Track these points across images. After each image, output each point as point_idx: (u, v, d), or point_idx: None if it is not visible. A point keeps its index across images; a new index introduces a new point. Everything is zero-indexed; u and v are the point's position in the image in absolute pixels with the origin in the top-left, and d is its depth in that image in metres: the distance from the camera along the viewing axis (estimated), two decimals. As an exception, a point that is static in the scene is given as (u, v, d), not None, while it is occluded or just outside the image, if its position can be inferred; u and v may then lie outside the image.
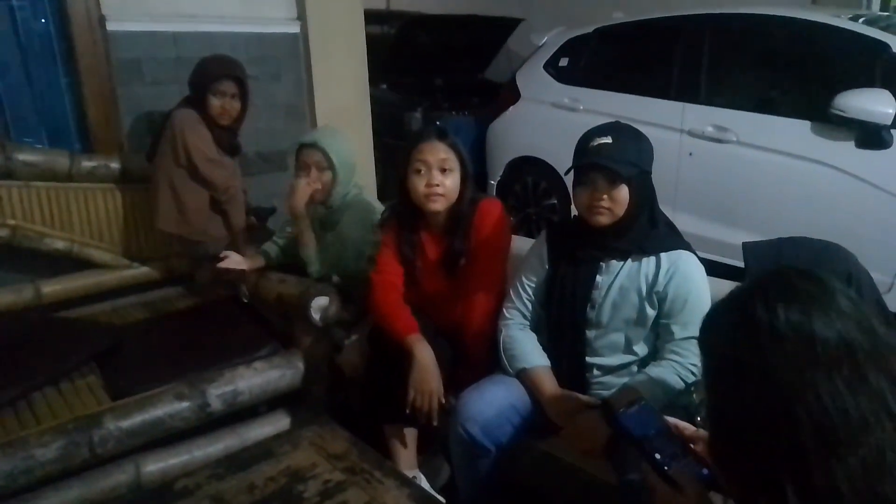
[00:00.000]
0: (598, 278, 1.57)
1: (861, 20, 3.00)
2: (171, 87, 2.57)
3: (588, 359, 1.59)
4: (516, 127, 4.20)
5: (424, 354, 1.69)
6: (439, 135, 1.79)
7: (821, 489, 0.70)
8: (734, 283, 0.94)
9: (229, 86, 2.30)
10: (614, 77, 3.81)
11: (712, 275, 1.58)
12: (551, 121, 3.93)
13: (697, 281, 1.52)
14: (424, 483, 1.79)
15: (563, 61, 4.05)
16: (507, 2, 5.55)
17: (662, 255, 1.52)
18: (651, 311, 1.53)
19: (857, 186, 2.75)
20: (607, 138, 1.47)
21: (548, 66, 4.11)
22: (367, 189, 2.34)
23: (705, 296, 1.51)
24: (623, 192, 1.47)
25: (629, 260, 1.54)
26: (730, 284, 1.12)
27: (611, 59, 3.98)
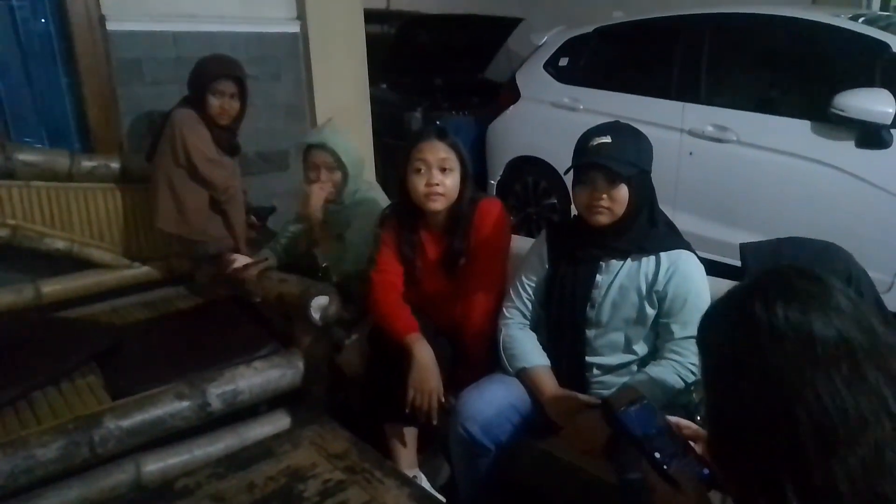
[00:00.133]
0: (598, 278, 1.57)
1: (861, 20, 3.00)
2: (171, 87, 2.57)
3: (588, 358, 1.59)
4: (516, 126, 4.19)
5: (424, 354, 1.69)
6: (439, 134, 1.79)
7: (820, 488, 0.70)
8: (734, 283, 0.94)
9: (228, 85, 2.30)
10: (614, 77, 3.80)
11: (712, 274, 1.58)
12: (551, 120, 3.92)
13: (697, 280, 1.52)
14: (424, 482, 1.79)
15: (563, 61, 4.05)
16: (507, 2, 5.53)
17: (662, 254, 1.52)
18: (651, 311, 1.53)
19: (857, 186, 2.74)
20: (607, 138, 1.48)
21: (548, 65, 4.10)
22: (374, 187, 2.34)
23: (705, 295, 1.51)
24: (623, 191, 1.48)
25: (629, 259, 1.54)
26: (729, 284, 1.11)
27: (611, 58, 3.98)
